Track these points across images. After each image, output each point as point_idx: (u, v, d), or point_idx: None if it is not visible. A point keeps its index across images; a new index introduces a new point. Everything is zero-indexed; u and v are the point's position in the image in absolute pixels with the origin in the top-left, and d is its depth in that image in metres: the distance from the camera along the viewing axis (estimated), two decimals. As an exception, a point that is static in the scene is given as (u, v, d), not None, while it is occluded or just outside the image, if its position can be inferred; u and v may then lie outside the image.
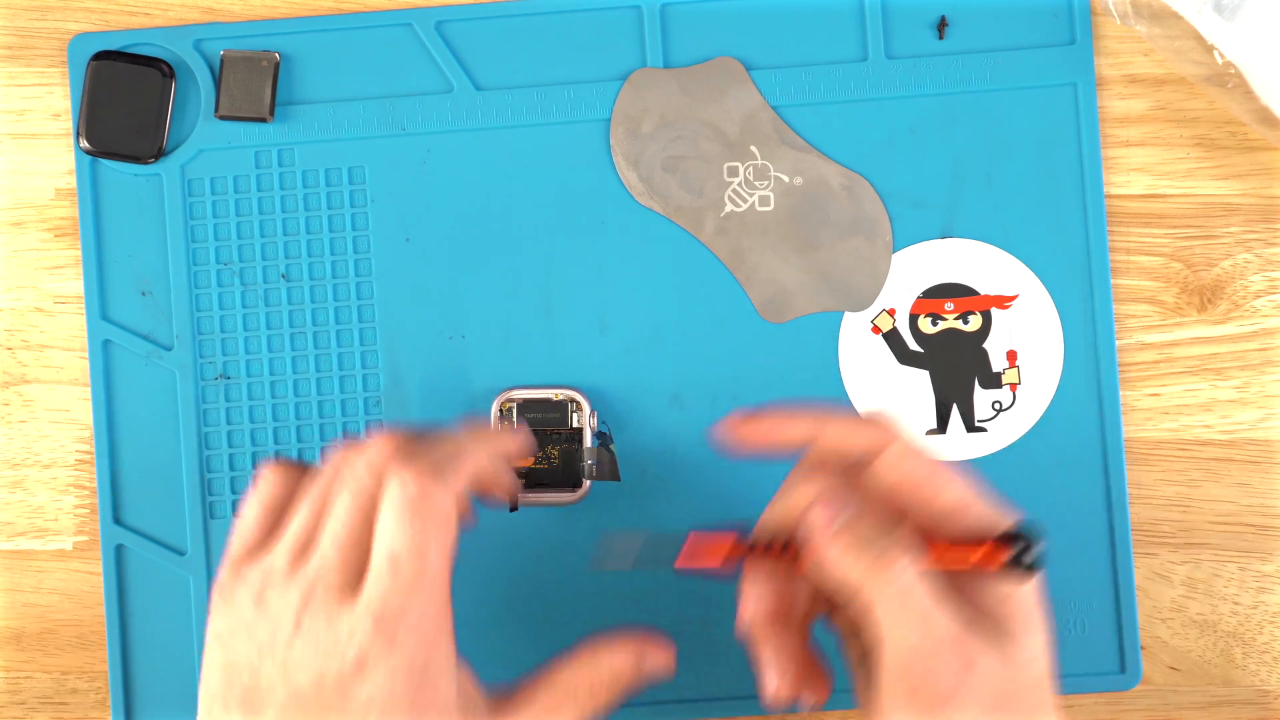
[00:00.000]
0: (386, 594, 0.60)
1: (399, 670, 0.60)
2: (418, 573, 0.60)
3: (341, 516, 0.62)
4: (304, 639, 0.61)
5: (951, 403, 0.75)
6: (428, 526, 0.61)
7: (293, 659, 0.61)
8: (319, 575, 0.61)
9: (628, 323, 0.75)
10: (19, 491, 0.77)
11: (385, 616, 0.60)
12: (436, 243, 0.75)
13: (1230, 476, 0.75)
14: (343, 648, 0.60)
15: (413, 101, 0.75)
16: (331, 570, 0.61)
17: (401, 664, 0.60)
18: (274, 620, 0.61)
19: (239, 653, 0.62)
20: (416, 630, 0.60)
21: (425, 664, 0.61)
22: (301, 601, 0.61)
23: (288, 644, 0.61)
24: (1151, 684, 0.75)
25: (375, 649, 0.60)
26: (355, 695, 0.60)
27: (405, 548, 0.61)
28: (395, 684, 0.60)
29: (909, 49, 0.75)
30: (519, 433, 0.70)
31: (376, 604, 0.60)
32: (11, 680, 0.77)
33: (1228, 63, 0.73)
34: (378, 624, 0.60)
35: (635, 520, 0.75)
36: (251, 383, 0.76)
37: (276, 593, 0.62)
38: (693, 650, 0.75)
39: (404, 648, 0.60)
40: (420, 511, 0.61)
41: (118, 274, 0.76)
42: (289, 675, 0.61)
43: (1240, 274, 0.76)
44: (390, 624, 0.60)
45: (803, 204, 0.75)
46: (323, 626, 0.60)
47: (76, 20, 0.76)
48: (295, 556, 0.62)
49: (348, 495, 0.62)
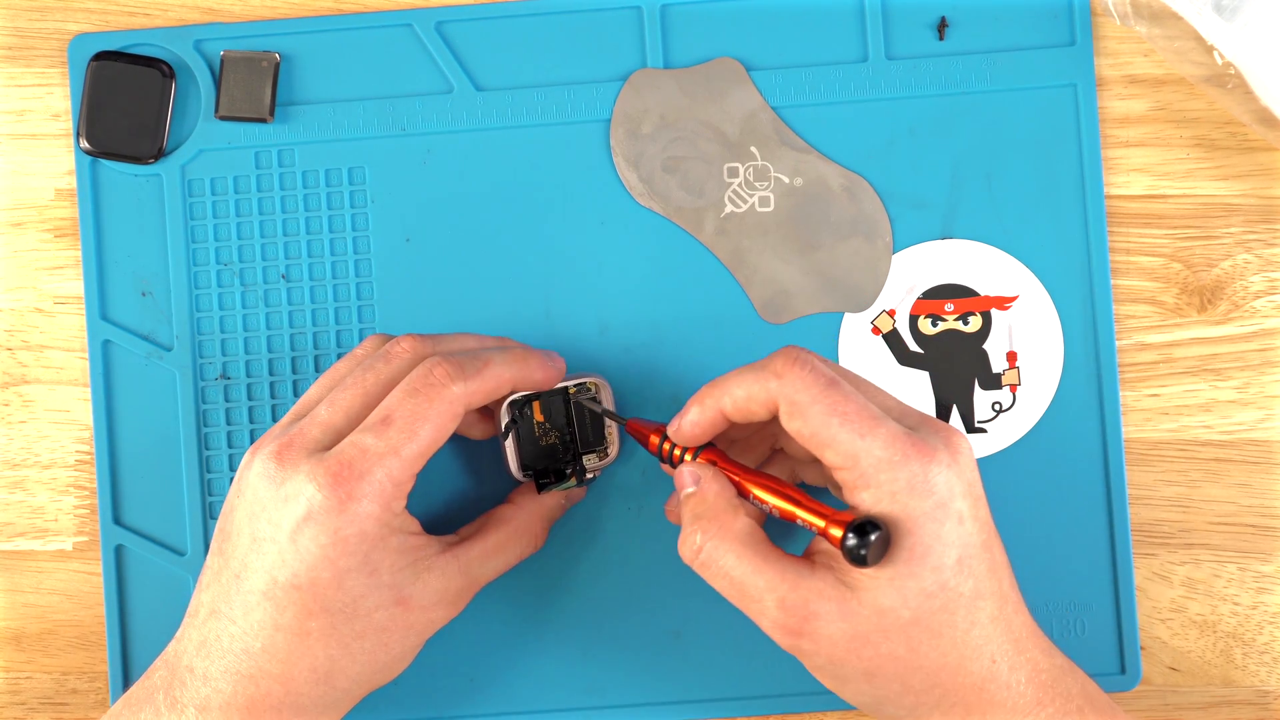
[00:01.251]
0: (359, 451, 0.64)
1: (341, 532, 0.64)
2: (403, 439, 0.65)
3: (355, 388, 0.67)
4: (268, 489, 0.65)
5: (951, 404, 0.75)
6: (431, 406, 0.66)
7: (256, 507, 0.65)
8: (302, 430, 0.66)
9: (628, 323, 0.75)
10: (19, 492, 0.77)
11: (344, 476, 0.64)
12: (437, 243, 0.75)
13: (1230, 477, 0.75)
14: (294, 502, 0.64)
15: (413, 102, 0.75)
16: (318, 426, 0.66)
17: (349, 528, 0.64)
18: (255, 472, 0.66)
19: (229, 500, 0.67)
20: (377, 495, 0.65)
21: (378, 524, 0.65)
22: (278, 454, 0.65)
23: (254, 493, 0.66)
24: (1151, 684, 0.75)
25: (326, 507, 0.64)
26: (302, 546, 0.64)
27: (400, 413, 0.65)
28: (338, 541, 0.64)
29: (909, 50, 0.75)
30: (550, 362, 0.71)
31: (339, 461, 0.64)
32: (11, 680, 0.77)
33: (1227, 63, 0.73)
34: (335, 481, 0.64)
35: (635, 520, 0.75)
36: (252, 383, 0.76)
37: (266, 446, 0.66)
38: (693, 650, 0.75)
39: (354, 514, 0.64)
40: (428, 392, 0.66)
41: (118, 274, 0.76)
42: (252, 523, 0.65)
43: (1240, 274, 0.76)
44: (349, 484, 0.64)
45: (803, 205, 0.75)
46: (288, 478, 0.65)
47: (76, 21, 0.76)
48: (294, 418, 0.68)
49: (366, 371, 0.67)
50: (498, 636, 0.75)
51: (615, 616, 0.75)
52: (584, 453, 0.73)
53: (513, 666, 0.75)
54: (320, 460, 0.65)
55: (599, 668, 0.75)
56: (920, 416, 0.66)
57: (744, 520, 0.66)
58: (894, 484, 0.63)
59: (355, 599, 0.65)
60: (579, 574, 0.75)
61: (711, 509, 0.66)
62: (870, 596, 0.63)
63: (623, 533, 0.75)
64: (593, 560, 0.75)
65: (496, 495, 0.73)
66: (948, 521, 0.63)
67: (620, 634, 0.75)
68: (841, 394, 0.64)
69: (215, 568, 0.67)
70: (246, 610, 0.65)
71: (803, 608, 0.63)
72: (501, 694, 0.75)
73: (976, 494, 0.64)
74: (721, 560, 0.65)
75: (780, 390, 0.64)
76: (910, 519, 0.63)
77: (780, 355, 0.65)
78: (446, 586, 0.67)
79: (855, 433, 0.63)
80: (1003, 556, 0.65)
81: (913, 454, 0.63)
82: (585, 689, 0.75)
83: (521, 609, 0.75)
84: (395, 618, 0.66)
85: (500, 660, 0.75)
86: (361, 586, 0.65)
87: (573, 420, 0.72)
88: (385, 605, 0.66)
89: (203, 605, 0.66)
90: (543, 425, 0.72)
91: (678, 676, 0.75)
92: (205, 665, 0.65)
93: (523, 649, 0.75)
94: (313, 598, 0.64)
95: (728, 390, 0.66)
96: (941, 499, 0.63)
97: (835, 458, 0.64)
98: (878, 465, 0.63)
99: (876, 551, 0.62)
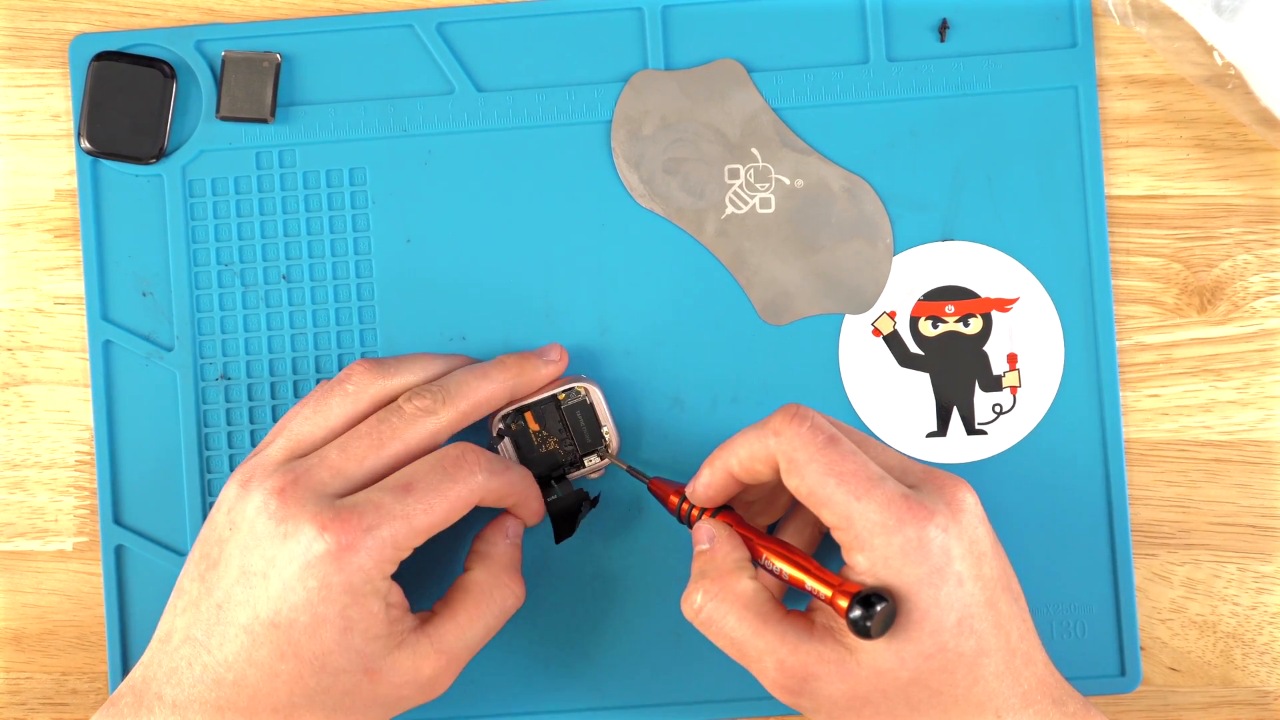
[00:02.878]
0: (372, 506, 0.64)
1: (328, 578, 0.64)
2: (420, 510, 0.65)
3: (369, 439, 0.67)
4: (266, 526, 0.65)
5: (952, 406, 0.75)
6: (454, 489, 0.66)
7: (251, 541, 0.65)
8: (310, 471, 0.66)
9: (628, 325, 0.75)
10: (19, 492, 0.77)
11: (351, 525, 0.64)
12: (437, 244, 0.75)
13: (1230, 477, 0.76)
14: (293, 541, 0.64)
15: (414, 103, 0.75)
16: (327, 469, 0.66)
17: (336, 575, 0.64)
18: (254, 506, 0.65)
19: (215, 528, 0.67)
20: (375, 551, 0.64)
21: (365, 580, 0.64)
22: (281, 492, 0.65)
23: (251, 528, 0.65)
24: (1151, 684, 0.75)
25: (322, 552, 0.64)
26: (290, 587, 0.64)
27: (424, 485, 0.66)
28: (323, 586, 0.64)
29: (910, 51, 0.75)
30: (546, 367, 0.72)
31: (350, 509, 0.64)
32: (11, 681, 0.77)
33: (1228, 64, 0.73)
34: (341, 527, 0.64)
35: (636, 522, 0.75)
36: (252, 383, 0.76)
37: (264, 481, 0.66)
38: (693, 651, 0.75)
39: (346, 563, 0.64)
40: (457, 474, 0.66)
41: (118, 275, 0.76)
42: (244, 556, 0.65)
43: (1240, 275, 0.76)
44: (352, 533, 0.64)
45: (804, 206, 0.75)
46: (289, 516, 0.64)
47: (77, 21, 0.76)
48: (290, 453, 0.67)
49: (381, 424, 0.68)
50: (498, 637, 0.75)
51: (615, 617, 0.75)
52: (584, 455, 0.73)
53: (513, 667, 0.75)
54: (329, 505, 0.64)
55: (599, 668, 0.75)
56: (924, 472, 0.65)
57: (748, 582, 0.66)
58: (888, 549, 0.62)
59: (325, 652, 0.64)
60: (579, 575, 0.75)
61: (718, 569, 0.66)
62: (869, 659, 0.63)
63: (623, 534, 0.75)
64: (593, 561, 0.75)
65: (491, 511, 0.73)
66: (945, 585, 0.63)
67: (620, 634, 0.75)
68: (839, 453, 0.64)
69: (194, 594, 0.66)
70: (224, 641, 0.65)
71: (801, 670, 0.64)
72: (501, 694, 0.75)
73: (980, 551, 0.64)
74: (721, 621, 0.65)
75: (779, 447, 0.64)
76: (906, 585, 0.62)
77: (780, 413, 0.65)
78: (418, 666, 0.66)
79: (851, 494, 0.63)
80: (1012, 608, 0.65)
81: (908, 518, 0.62)
82: (585, 689, 0.75)
83: (522, 610, 0.75)
84: (360, 686, 0.65)
85: (500, 660, 0.75)
86: (332, 642, 0.64)
87: (568, 424, 0.73)
88: (352, 671, 0.65)
89: (176, 631, 0.66)
90: (539, 434, 0.73)
91: (678, 677, 0.75)
92: (174, 693, 0.65)
93: (522, 649, 0.75)
94: (287, 640, 0.64)
95: (733, 451, 0.66)
96: (937, 564, 0.62)
97: (831, 518, 0.64)
98: (872, 529, 0.63)
99: (880, 624, 0.62)
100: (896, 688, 0.63)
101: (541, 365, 0.72)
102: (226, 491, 0.67)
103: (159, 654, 0.66)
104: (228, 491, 0.67)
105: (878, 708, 0.63)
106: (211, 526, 0.67)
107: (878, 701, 0.63)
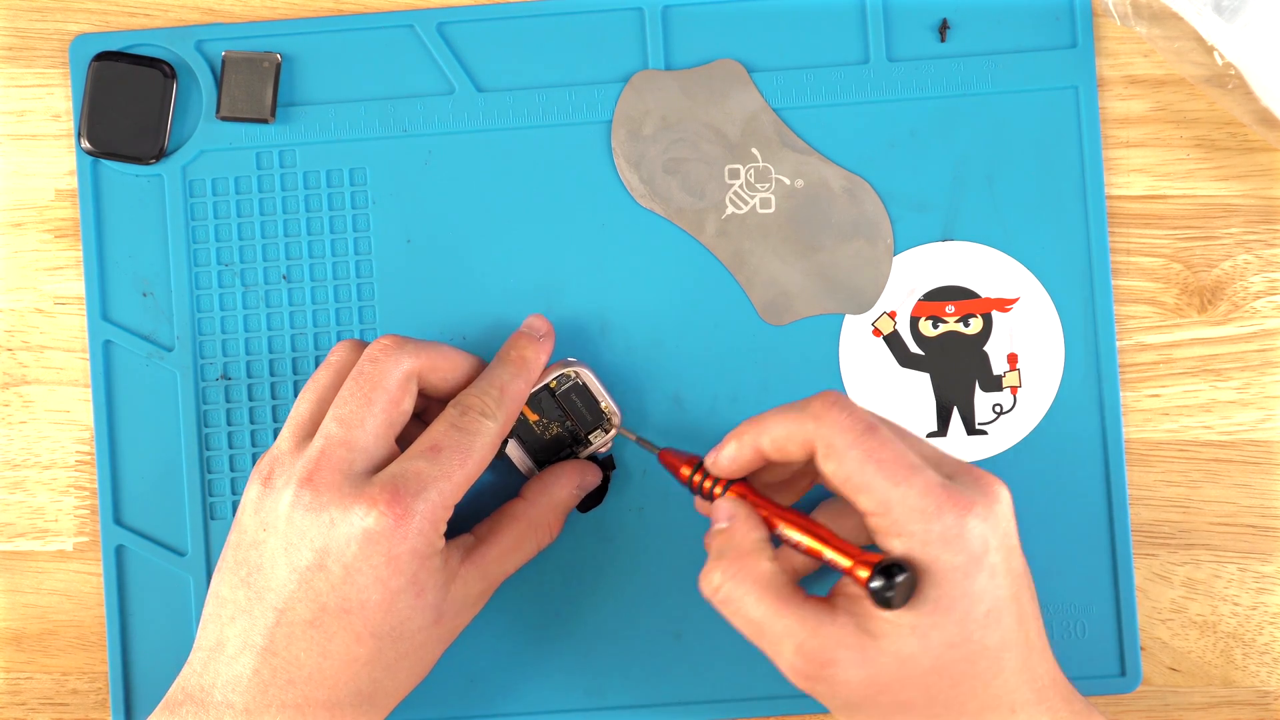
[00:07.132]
0: (413, 473, 0.65)
1: (394, 550, 0.64)
2: (455, 465, 0.66)
3: (356, 399, 0.67)
4: (307, 517, 0.65)
5: (952, 406, 0.75)
6: (476, 439, 0.67)
7: (294, 537, 0.65)
8: (325, 453, 0.66)
9: (628, 324, 0.75)
10: (19, 492, 0.77)
11: (400, 495, 0.65)
12: (438, 244, 0.75)
13: (1230, 477, 0.76)
14: (342, 525, 0.65)
15: (414, 103, 0.75)
16: (340, 446, 0.66)
17: (401, 546, 0.65)
18: (285, 502, 0.65)
19: (247, 533, 0.67)
20: (429, 514, 0.65)
21: (428, 543, 0.65)
22: (309, 481, 0.66)
23: (290, 524, 0.65)
24: (1151, 684, 0.75)
25: (381, 527, 0.64)
26: (354, 569, 0.65)
27: (448, 443, 0.66)
28: (390, 560, 0.65)
29: (911, 51, 0.75)
30: (538, 343, 0.72)
31: (394, 481, 0.65)
32: (12, 681, 0.77)
33: (1228, 64, 0.73)
34: (391, 499, 0.65)
35: (637, 522, 0.75)
36: (252, 384, 0.76)
37: (287, 473, 0.66)
38: (694, 651, 0.75)
39: (408, 531, 0.65)
40: (471, 425, 0.67)
41: (119, 275, 0.76)
42: (290, 554, 0.65)
43: (1240, 275, 0.76)
44: (405, 502, 0.65)
45: (804, 206, 0.75)
46: (330, 502, 0.65)
47: (77, 21, 0.76)
48: (297, 439, 0.68)
49: (360, 377, 0.68)
50: (498, 637, 0.75)
51: (616, 617, 0.75)
52: (589, 433, 0.73)
53: (513, 667, 0.75)
54: (369, 482, 0.65)
55: (599, 669, 0.75)
56: (959, 465, 0.65)
57: (767, 564, 0.65)
58: (927, 535, 0.62)
59: (402, 620, 0.65)
60: (580, 575, 0.75)
61: (737, 548, 0.65)
62: (891, 644, 0.63)
63: (624, 534, 0.75)
64: (594, 562, 0.75)
65: (509, 484, 0.73)
66: (980, 575, 0.62)
67: (621, 635, 0.75)
68: (879, 440, 0.63)
69: (240, 602, 0.66)
70: (290, 641, 0.65)
71: (820, 653, 0.63)
72: (501, 694, 0.75)
73: (1011, 544, 0.64)
74: (740, 601, 0.64)
75: (818, 432, 0.64)
76: (941, 571, 0.62)
77: (819, 398, 0.65)
78: (468, 593, 0.68)
79: (890, 480, 0.63)
80: (1032, 605, 0.65)
81: (948, 505, 0.62)
82: (586, 690, 0.75)
83: (522, 610, 0.75)
84: (431, 634, 0.67)
85: (500, 661, 0.75)
86: (409, 608, 0.65)
87: (566, 409, 0.73)
88: (426, 626, 0.66)
89: (229, 639, 0.66)
90: (539, 422, 0.73)
91: (678, 677, 0.75)
92: (245, 700, 0.65)
93: (523, 650, 0.75)
94: (362, 622, 0.65)
95: (766, 429, 0.66)
96: (975, 553, 0.62)
97: (869, 503, 0.63)
98: (911, 514, 0.62)
99: (902, 594, 0.62)
100: (916, 675, 0.63)
101: (536, 359, 0.72)
102: (248, 494, 0.67)
103: (214, 663, 0.66)
104: (249, 494, 0.67)
105: (895, 696, 0.63)
106: (241, 531, 0.67)
107: (896, 689, 0.63)
